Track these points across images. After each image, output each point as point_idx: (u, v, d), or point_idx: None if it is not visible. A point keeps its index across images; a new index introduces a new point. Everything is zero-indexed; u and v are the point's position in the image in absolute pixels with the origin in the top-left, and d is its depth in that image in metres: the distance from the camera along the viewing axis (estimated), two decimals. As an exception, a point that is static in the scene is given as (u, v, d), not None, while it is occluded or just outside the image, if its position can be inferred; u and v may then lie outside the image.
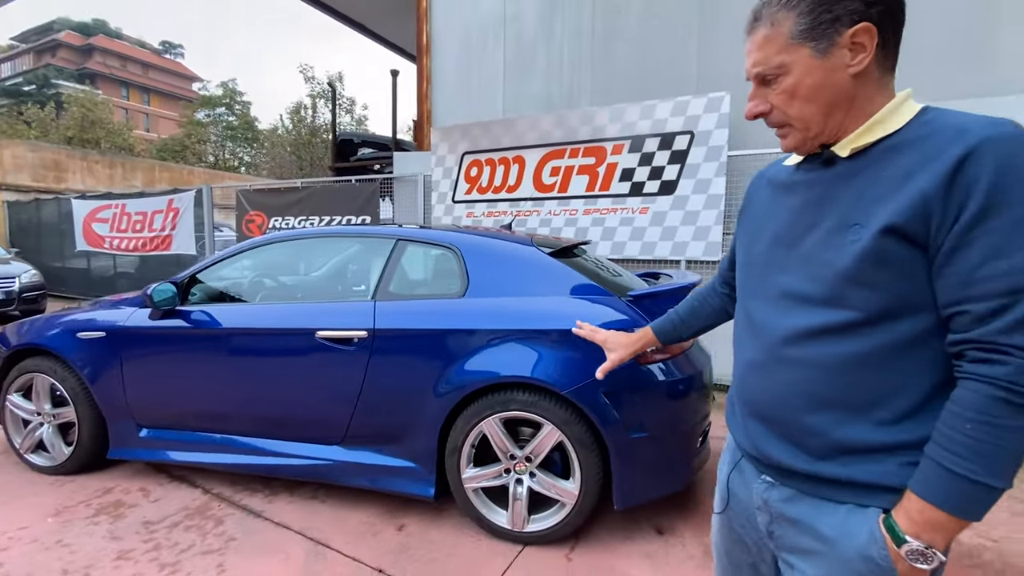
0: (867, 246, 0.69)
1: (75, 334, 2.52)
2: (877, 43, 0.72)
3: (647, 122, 4.40)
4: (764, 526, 0.86)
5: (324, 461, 2.28)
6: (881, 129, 0.73)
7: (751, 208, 0.95)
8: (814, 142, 0.78)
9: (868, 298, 0.70)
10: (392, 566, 1.91)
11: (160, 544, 2.03)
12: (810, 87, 0.74)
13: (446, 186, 5.42)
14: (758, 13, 0.77)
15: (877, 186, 0.71)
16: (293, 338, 2.27)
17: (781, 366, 0.79)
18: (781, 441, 0.79)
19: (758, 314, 0.84)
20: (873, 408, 0.71)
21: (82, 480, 2.54)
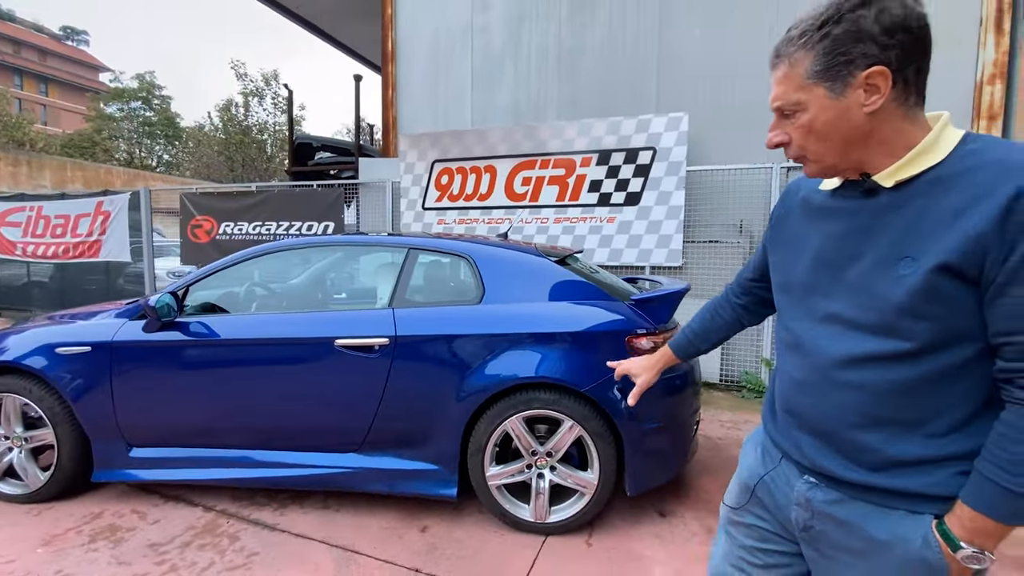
0: (920, 281, 0.72)
1: (54, 350, 2.35)
2: (894, 83, 0.73)
3: (613, 137, 4.71)
4: (802, 521, 0.89)
5: (341, 469, 2.29)
6: (925, 161, 0.74)
7: (783, 223, 0.97)
8: (833, 172, 0.83)
9: (921, 329, 0.73)
10: (426, 565, 1.98)
11: (176, 565, 1.96)
12: (825, 124, 0.77)
13: (415, 193, 5.44)
14: (780, 50, 0.81)
15: (927, 221, 0.73)
16: (310, 348, 2.27)
17: (833, 388, 0.82)
18: (834, 453, 0.83)
19: (805, 335, 0.87)
20: (923, 425, 0.76)
21: (62, 507, 2.36)
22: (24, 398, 2.34)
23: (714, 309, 1.22)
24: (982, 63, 3.94)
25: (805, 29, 0.76)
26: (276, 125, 20.24)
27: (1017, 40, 3.82)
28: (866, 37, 0.72)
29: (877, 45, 0.72)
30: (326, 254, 2.81)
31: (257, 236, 6.05)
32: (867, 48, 0.72)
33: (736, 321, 1.19)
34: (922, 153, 0.74)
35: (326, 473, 2.29)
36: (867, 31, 0.72)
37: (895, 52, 0.72)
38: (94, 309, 2.70)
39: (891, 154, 0.76)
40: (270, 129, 20.00)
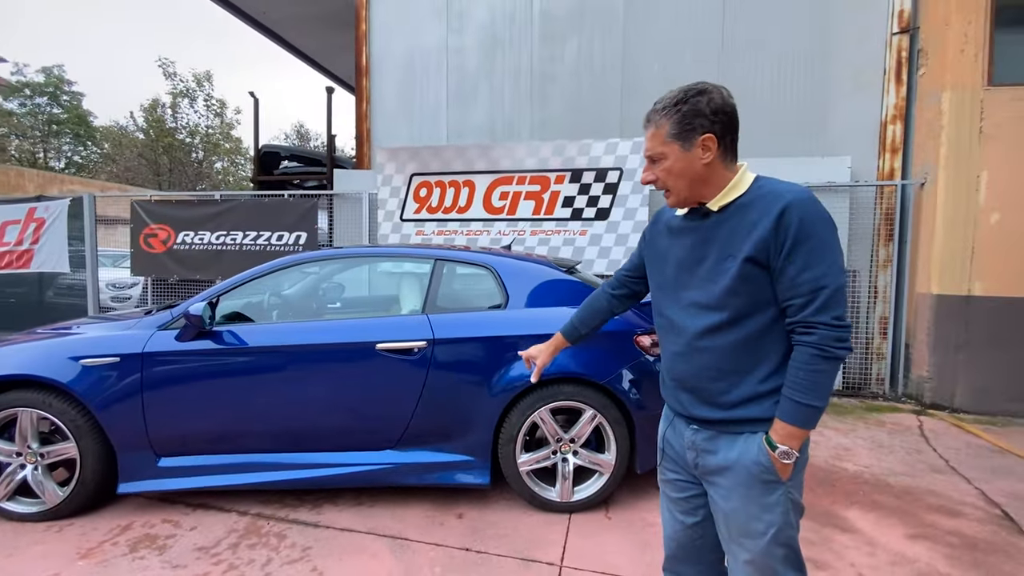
0: (737, 270, 1.07)
1: (78, 361, 2.32)
2: (719, 145, 1.10)
3: (584, 158, 5.14)
4: (692, 460, 1.21)
5: (380, 465, 2.45)
6: (734, 192, 1.12)
7: (655, 242, 1.31)
8: (687, 202, 1.17)
9: (739, 303, 1.09)
10: (474, 544, 2.20)
11: (234, 564, 2.04)
12: (680, 169, 1.12)
13: (393, 204, 5.57)
14: (649, 116, 1.16)
15: (738, 231, 1.09)
16: (351, 352, 2.42)
17: (696, 353, 1.15)
18: (702, 402, 1.16)
19: (676, 318, 1.20)
20: (752, 372, 1.10)
21: (82, 523, 2.32)
22: (42, 412, 2.29)
23: (593, 300, 1.53)
24: (886, 106, 4.78)
25: (666, 105, 1.12)
26: (208, 128, 19.12)
27: (913, 88, 4.67)
28: (701, 114, 1.09)
29: (708, 120, 1.09)
30: (356, 264, 2.94)
31: (221, 246, 5.88)
32: (703, 121, 1.09)
33: (609, 310, 1.51)
34: (732, 188, 1.12)
35: (365, 470, 2.44)
36: (702, 111, 1.09)
37: (719, 126, 1.10)
38: (74, 324, 2.67)
39: (717, 189, 1.13)
40: (202, 132, 18.82)
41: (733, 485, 1.13)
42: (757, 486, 1.10)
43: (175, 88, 18.53)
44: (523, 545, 2.20)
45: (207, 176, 18.24)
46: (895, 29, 4.72)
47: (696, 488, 1.25)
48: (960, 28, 4.23)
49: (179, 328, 2.40)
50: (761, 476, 1.09)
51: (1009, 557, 2.18)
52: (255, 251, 5.81)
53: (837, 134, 4.89)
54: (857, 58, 4.84)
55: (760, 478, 1.09)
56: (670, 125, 1.12)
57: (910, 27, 4.66)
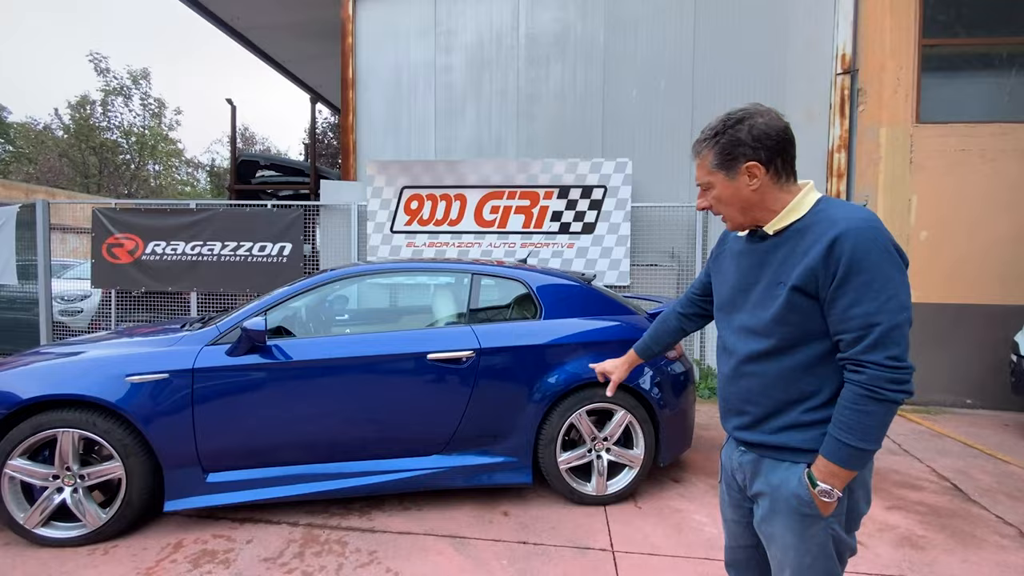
0: (785, 298, 1.04)
1: (124, 379, 2.28)
2: (767, 170, 1.06)
3: (571, 175, 5.46)
4: (741, 481, 1.21)
5: (428, 470, 2.57)
6: (792, 216, 1.07)
7: (719, 262, 1.29)
8: (743, 226, 1.15)
9: (785, 332, 1.05)
10: (529, 537, 2.37)
11: (307, 571, 2.10)
12: (727, 197, 1.11)
13: (383, 216, 5.62)
14: (696, 148, 1.15)
15: (792, 257, 1.05)
16: (403, 363, 2.54)
17: (743, 377, 1.15)
18: (746, 425, 1.16)
19: (728, 341, 1.21)
20: (800, 401, 1.06)
21: (128, 544, 2.28)
22: (85, 432, 2.23)
23: (664, 320, 1.54)
24: (832, 137, 5.45)
25: (706, 136, 1.12)
26: (144, 129, 17.85)
27: (854, 122, 5.37)
28: (742, 143, 1.06)
29: (751, 148, 1.06)
30: (394, 278, 3.03)
31: (197, 256, 5.67)
32: (744, 150, 1.06)
33: (679, 329, 1.51)
34: (790, 211, 1.08)
35: (415, 475, 2.55)
36: (742, 140, 1.06)
37: (763, 152, 1.06)
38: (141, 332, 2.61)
39: (773, 213, 1.10)
40: (137, 133, 17.51)
41: (774, 512, 1.11)
42: (795, 517, 1.07)
43: (107, 85, 17.20)
44: (572, 535, 2.40)
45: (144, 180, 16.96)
46: (839, 70, 5.41)
47: (747, 505, 1.24)
48: (893, 72, 4.94)
49: (229, 343, 2.42)
50: (800, 509, 1.06)
51: (966, 520, 2.64)
52: (235, 262, 5.65)
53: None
54: (808, 94, 5.49)
55: (799, 511, 1.06)
56: (712, 156, 1.11)
57: (851, 68, 5.36)
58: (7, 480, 2.21)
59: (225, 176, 22.87)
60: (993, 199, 4.83)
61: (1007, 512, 2.72)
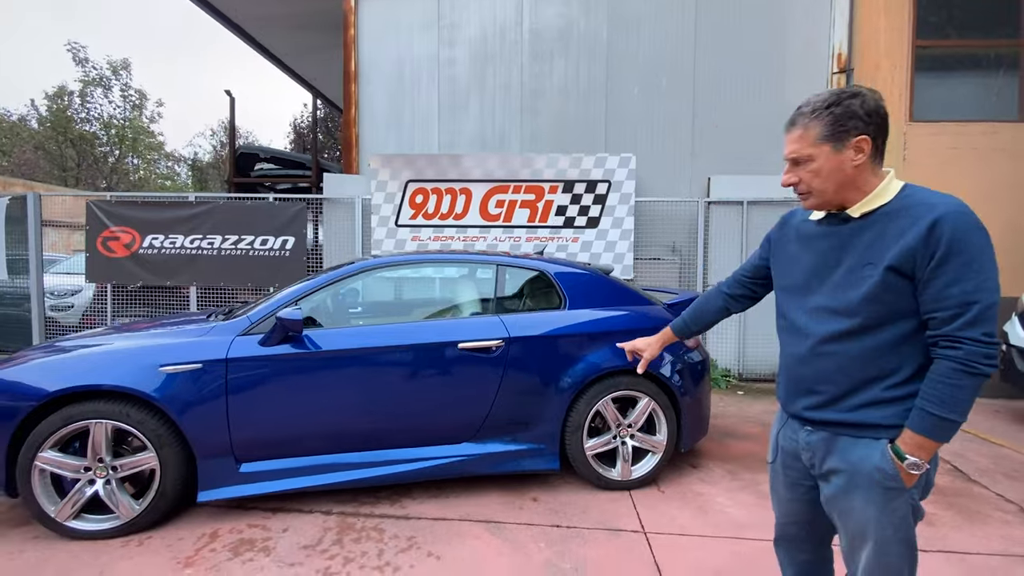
0: (879, 278, 1.07)
1: (157, 369, 2.27)
2: (872, 146, 1.09)
3: (576, 170, 5.52)
4: (807, 460, 1.23)
5: (458, 457, 2.60)
6: (879, 200, 1.10)
7: (782, 246, 1.32)
8: (828, 205, 1.16)
9: (876, 311, 1.08)
10: (562, 521, 2.43)
11: (349, 557, 2.12)
12: (828, 171, 1.11)
13: (388, 210, 5.61)
14: (794, 119, 1.15)
15: (882, 239, 1.08)
16: (434, 351, 2.56)
17: (820, 357, 1.16)
18: (821, 405, 1.17)
19: (800, 322, 1.21)
20: (881, 378, 1.10)
21: (161, 535, 2.26)
22: (119, 423, 2.21)
23: (707, 300, 1.56)
24: (827, 134, 5.61)
25: (815, 107, 1.11)
26: (124, 121, 17.36)
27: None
28: (856, 116, 1.08)
29: (863, 122, 1.08)
30: (422, 270, 3.05)
31: (196, 250, 5.58)
32: (857, 123, 1.08)
33: (724, 308, 1.53)
34: (877, 195, 1.11)
35: (446, 462, 2.58)
36: (856, 112, 1.08)
37: (873, 127, 1.09)
38: (173, 323, 2.59)
39: (861, 194, 1.12)
40: (117, 125, 17.01)
41: (852, 488, 1.14)
42: (878, 491, 1.10)
43: (87, 75, 16.65)
44: (602, 518, 2.46)
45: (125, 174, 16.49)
46: (835, 69, 5.57)
47: (807, 483, 1.28)
48: (888, 72, 5.11)
49: (261, 333, 2.42)
50: (884, 483, 1.09)
51: (970, 498, 2.78)
52: (236, 256, 5.58)
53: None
54: (805, 92, 5.63)
55: (882, 484, 1.09)
56: (821, 126, 1.10)
57: (847, 67, 5.53)
58: (37, 473, 2.18)
59: (207, 170, 22.44)
60: (983, 196, 5.03)
61: (1007, 490, 2.87)
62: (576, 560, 2.11)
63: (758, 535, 2.33)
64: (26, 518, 2.38)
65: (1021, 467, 3.23)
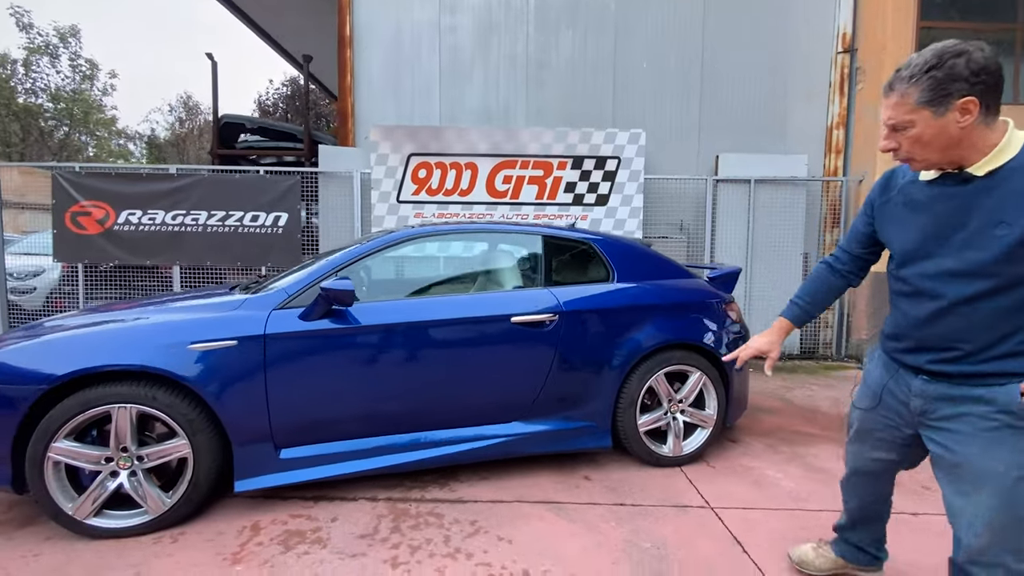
0: (1018, 237, 1.04)
1: (186, 347, 2.02)
2: (980, 107, 1.03)
3: (585, 145, 5.37)
4: (918, 408, 1.25)
5: (508, 437, 2.47)
6: (1005, 156, 1.06)
7: (887, 211, 1.30)
8: (935, 166, 1.14)
9: (1014, 271, 1.07)
10: (623, 499, 2.34)
11: (413, 544, 1.96)
12: (930, 136, 1.08)
13: (389, 185, 5.33)
14: (891, 84, 1.12)
15: (1015, 196, 1.05)
16: (485, 325, 2.40)
17: (948, 317, 1.17)
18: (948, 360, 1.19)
19: (924, 285, 1.20)
20: (1014, 335, 1.11)
21: (196, 530, 2.04)
22: (146, 407, 1.96)
23: (820, 280, 1.55)
24: (831, 114, 5.65)
25: (914, 72, 1.07)
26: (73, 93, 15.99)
27: (852, 99, 5.59)
28: (960, 78, 1.03)
29: (968, 83, 1.03)
30: (464, 240, 2.85)
31: (179, 227, 5.17)
32: (960, 86, 1.03)
33: (845, 285, 1.55)
34: (1002, 150, 1.07)
35: (497, 443, 2.45)
36: (960, 74, 1.03)
37: (980, 87, 1.03)
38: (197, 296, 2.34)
39: (979, 152, 1.08)
40: (66, 97, 15.59)
41: (974, 431, 1.15)
42: (1005, 432, 1.12)
43: (31, 42, 15.13)
44: (664, 495, 2.39)
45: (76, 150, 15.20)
46: (839, 49, 5.59)
47: (905, 431, 1.34)
48: (894, 53, 5.16)
49: (300, 307, 2.19)
50: (1009, 422, 1.11)
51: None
52: (223, 233, 5.20)
53: (795, 135, 5.68)
54: (809, 71, 5.65)
55: (1009, 423, 1.11)
56: (919, 92, 1.06)
57: (851, 47, 5.56)
58: (51, 466, 1.91)
59: (166, 148, 21.09)
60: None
61: None
62: (654, 538, 2.03)
63: (819, 506, 2.31)
64: (30, 517, 2.11)
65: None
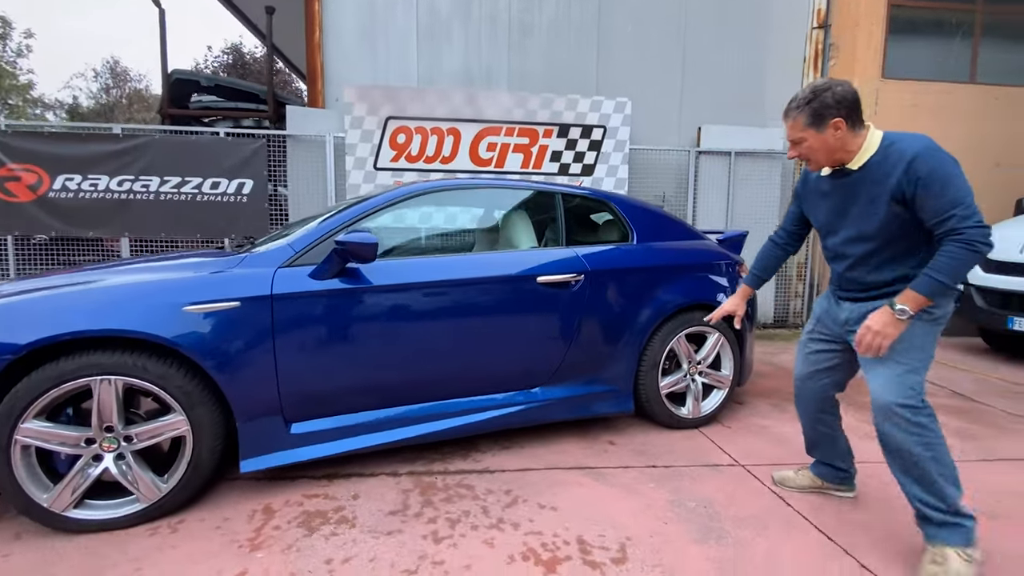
0: (884, 210, 1.48)
1: (180, 309, 1.74)
2: (846, 124, 1.46)
3: (572, 113, 5.23)
4: (843, 319, 1.69)
5: (532, 403, 2.35)
6: (867, 154, 1.49)
7: (808, 197, 1.76)
8: (827, 165, 1.58)
9: (889, 231, 1.50)
10: (654, 461, 2.28)
11: (451, 518, 1.81)
12: (817, 146, 1.51)
13: (365, 151, 4.99)
14: (787, 111, 1.55)
15: (877, 183, 1.47)
16: (511, 285, 2.24)
17: (858, 266, 1.60)
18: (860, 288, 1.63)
19: (838, 249, 1.65)
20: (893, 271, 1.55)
21: (198, 517, 1.80)
22: (134, 379, 1.68)
23: (767, 253, 1.98)
24: (805, 89, 5.77)
25: (799, 104, 1.50)
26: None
27: (826, 75, 5.73)
28: (829, 106, 1.46)
29: (835, 109, 1.46)
30: (470, 197, 2.64)
31: (127, 194, 4.64)
32: (831, 111, 1.46)
33: (784, 256, 1.98)
34: (866, 150, 1.50)
35: (520, 409, 2.32)
36: (829, 103, 1.45)
37: (844, 110, 1.46)
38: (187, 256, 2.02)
39: (851, 153, 1.51)
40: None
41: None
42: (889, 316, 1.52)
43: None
44: (693, 456, 2.35)
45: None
46: (814, 24, 5.70)
47: (836, 344, 1.76)
48: (867, 30, 5.31)
49: (311, 265, 1.95)
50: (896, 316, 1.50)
51: (986, 415, 3.02)
52: (180, 202, 4.71)
53: (772, 109, 5.77)
54: (786, 46, 5.74)
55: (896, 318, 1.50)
56: (805, 118, 1.50)
57: (825, 23, 5.68)
58: (19, 450, 1.61)
59: (91, 118, 19.09)
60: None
61: (1009, 407, 3.17)
62: (697, 497, 1.97)
63: (840, 459, 2.33)
64: (-12, 514, 1.79)
65: (1004, 389, 3.59)
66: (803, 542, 1.70)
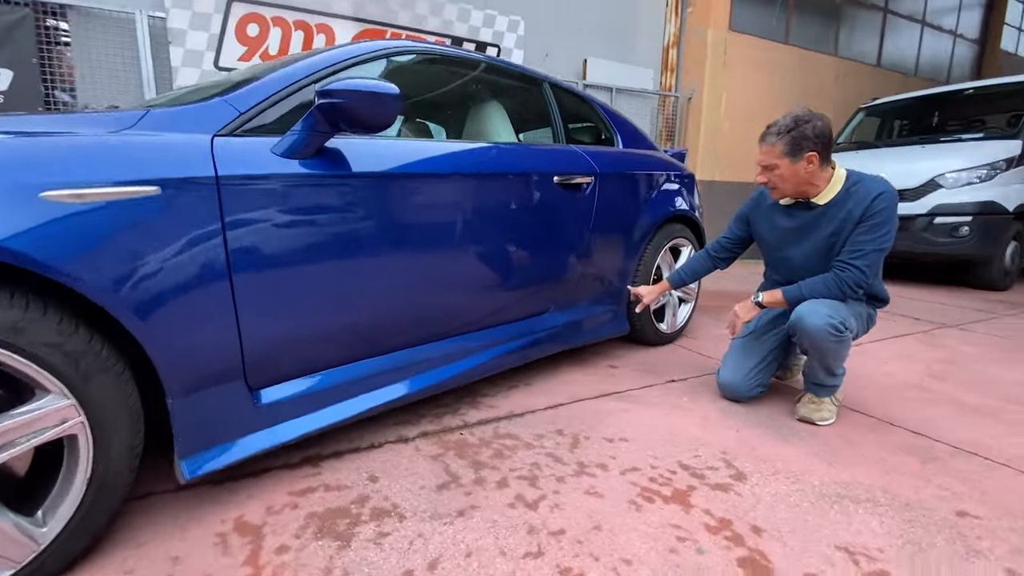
0: (842, 245, 1.60)
1: (36, 196, 0.89)
2: (819, 158, 1.56)
3: (464, 25, 4.64)
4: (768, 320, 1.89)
5: (542, 331, 1.99)
6: (834, 191, 1.61)
7: (759, 221, 1.86)
8: (790, 197, 1.68)
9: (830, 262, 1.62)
10: (661, 376, 2.15)
11: (525, 476, 1.38)
12: (789, 175, 1.59)
13: (200, 42, 3.66)
14: (764, 137, 1.61)
15: (842, 218, 1.59)
16: (527, 184, 1.79)
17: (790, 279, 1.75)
18: None
19: (780, 264, 1.83)
20: None
21: (112, 566, 1.03)
22: (-59, 337, 0.81)
23: (698, 261, 2.05)
24: (667, 34, 6.13)
25: (779, 130, 1.57)
26: None
27: (684, 22, 6.14)
28: (807, 138, 1.54)
29: (811, 142, 1.54)
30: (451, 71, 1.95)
31: None
32: (808, 143, 1.54)
33: (713, 267, 2.04)
34: (832, 188, 1.62)
35: (531, 340, 1.94)
36: (807, 135, 1.53)
37: (820, 145, 1.55)
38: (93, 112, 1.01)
39: (816, 188, 1.63)
40: None
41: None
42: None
43: None
44: (694, 367, 2.29)
45: None
46: (676, -28, 6.00)
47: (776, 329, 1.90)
48: (719, -17, 5.78)
49: (275, 135, 1.21)
50: None
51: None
52: None
53: (643, 50, 6.01)
54: (652, -6, 5.95)
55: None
56: (783, 146, 1.56)
57: (684, -27, 6.02)
58: None
59: None
60: (767, 101, 6.42)
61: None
62: (735, 405, 1.90)
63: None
64: None
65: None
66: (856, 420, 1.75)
